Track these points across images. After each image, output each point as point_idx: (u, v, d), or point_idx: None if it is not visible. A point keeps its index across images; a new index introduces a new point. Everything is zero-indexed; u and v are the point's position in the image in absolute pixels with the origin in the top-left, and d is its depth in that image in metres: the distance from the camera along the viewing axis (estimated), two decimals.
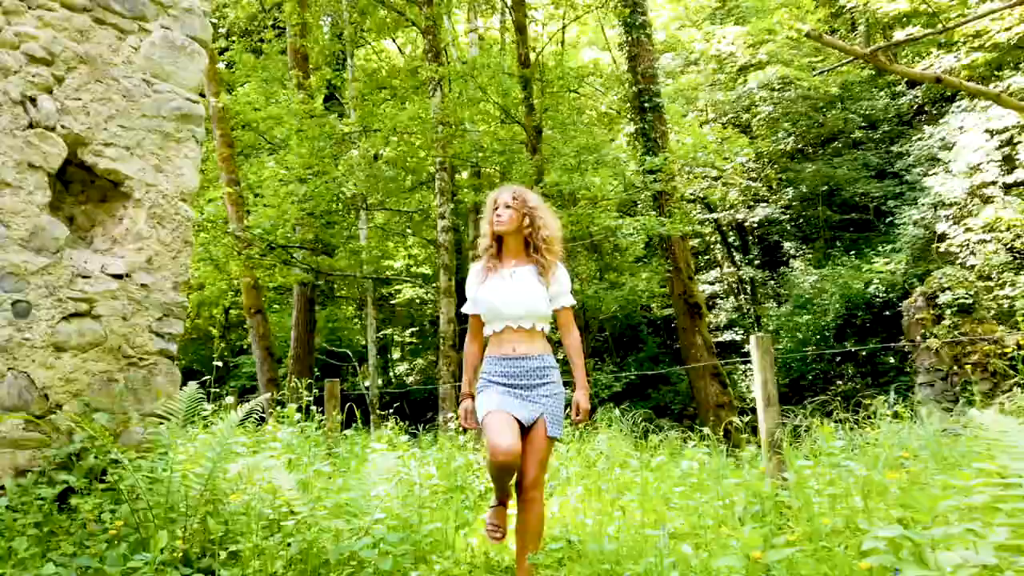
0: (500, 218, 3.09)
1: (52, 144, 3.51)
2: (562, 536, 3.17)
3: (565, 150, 9.41)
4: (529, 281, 3.04)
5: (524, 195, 3.16)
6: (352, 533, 2.63)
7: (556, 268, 3.10)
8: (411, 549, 2.73)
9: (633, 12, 10.98)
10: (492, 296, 3.05)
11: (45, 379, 3.42)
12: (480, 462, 4.49)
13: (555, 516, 3.54)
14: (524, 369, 2.98)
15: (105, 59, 3.74)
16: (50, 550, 2.74)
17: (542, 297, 3.03)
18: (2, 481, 3.19)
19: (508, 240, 3.15)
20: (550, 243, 3.09)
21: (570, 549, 3.07)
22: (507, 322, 3.03)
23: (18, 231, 3.36)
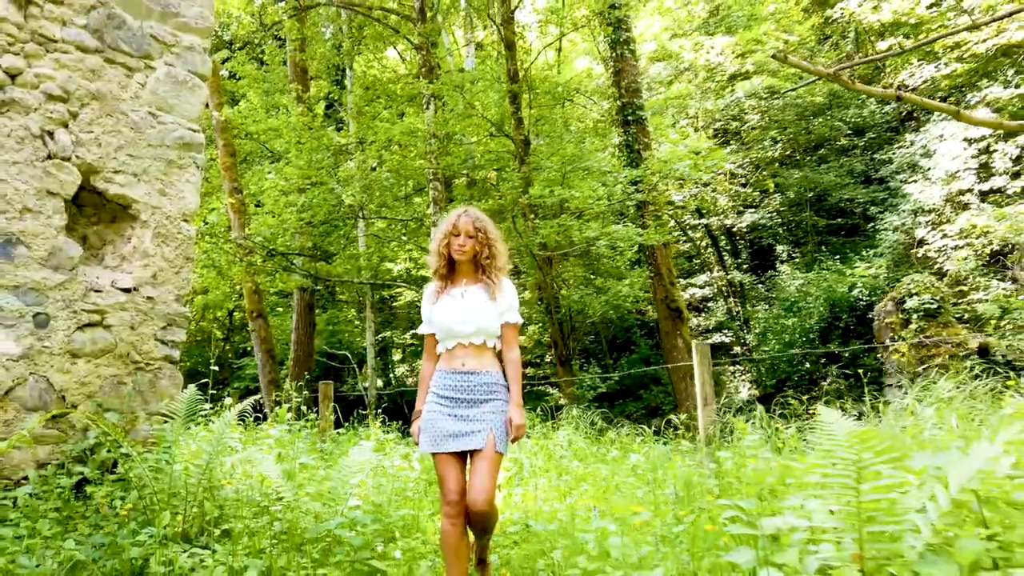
0: (463, 248, 3.18)
1: (68, 173, 3.94)
2: (521, 521, 3.57)
3: (548, 163, 9.82)
4: (480, 300, 3.16)
5: (485, 226, 3.26)
6: (330, 515, 3.05)
7: (503, 286, 3.22)
8: (381, 530, 3.13)
9: (617, 29, 11.39)
10: (444, 316, 3.17)
11: (62, 382, 3.85)
12: None
13: (517, 504, 3.95)
14: (472, 384, 3.08)
15: (115, 95, 4.17)
16: (69, 531, 3.15)
17: (492, 315, 3.15)
18: (25, 472, 3.62)
19: (461, 263, 3.26)
20: (501, 269, 3.24)
21: (527, 532, 3.47)
22: (459, 339, 3.15)
23: (38, 251, 3.79)
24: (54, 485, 3.51)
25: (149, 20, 4.37)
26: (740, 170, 17.61)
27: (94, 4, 4.12)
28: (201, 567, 2.42)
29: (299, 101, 12.11)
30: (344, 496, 3.18)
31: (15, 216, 3.73)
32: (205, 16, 4.66)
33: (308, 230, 11.86)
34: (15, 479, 3.59)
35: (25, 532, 3.06)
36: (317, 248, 12.35)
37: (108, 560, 2.55)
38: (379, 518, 3.16)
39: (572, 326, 11.66)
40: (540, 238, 9.46)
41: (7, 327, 3.68)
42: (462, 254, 3.19)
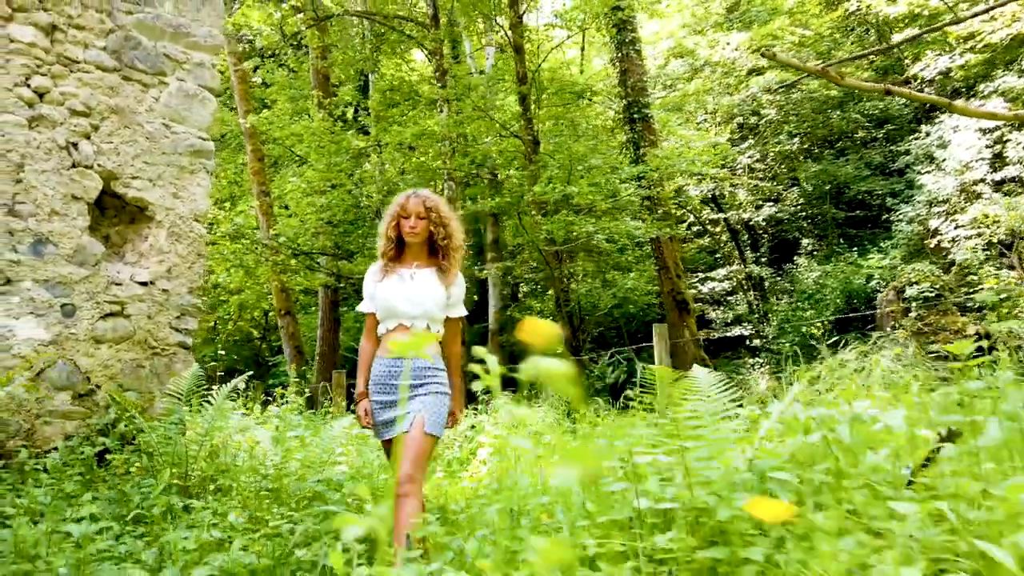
0: (414, 229, 3.09)
1: (91, 179, 4.43)
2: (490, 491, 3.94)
3: (552, 161, 10.17)
4: (429, 283, 3.08)
5: (437, 205, 3.16)
6: (313, 476, 3.46)
7: (456, 277, 3.15)
8: (361, 489, 3.54)
9: (622, 30, 11.69)
10: (390, 294, 3.07)
11: (87, 365, 4.34)
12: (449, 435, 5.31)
13: (490, 472, 4.33)
14: (410, 368, 2.99)
15: (132, 109, 4.66)
16: (90, 491, 3.62)
17: (439, 301, 3.07)
18: (55, 443, 4.12)
19: (412, 244, 3.16)
20: (456, 252, 3.14)
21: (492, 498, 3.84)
22: (401, 320, 3.05)
23: (65, 249, 4.29)
24: (79, 454, 3.99)
25: (162, 40, 4.85)
26: (758, 164, 17.72)
27: (112, 28, 4.61)
28: (191, 511, 2.85)
29: (320, 107, 12.67)
30: (327, 461, 3.59)
31: (44, 218, 4.23)
32: (214, 35, 5.13)
33: (328, 230, 12.41)
34: (46, 449, 4.09)
35: (52, 492, 3.53)
36: (339, 247, 12.91)
37: (118, 508, 3.00)
38: (356, 479, 3.57)
39: (581, 318, 12.00)
40: (545, 234, 9.83)
41: (39, 316, 4.18)
42: (414, 236, 3.10)
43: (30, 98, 4.21)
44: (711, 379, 2.22)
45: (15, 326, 4.06)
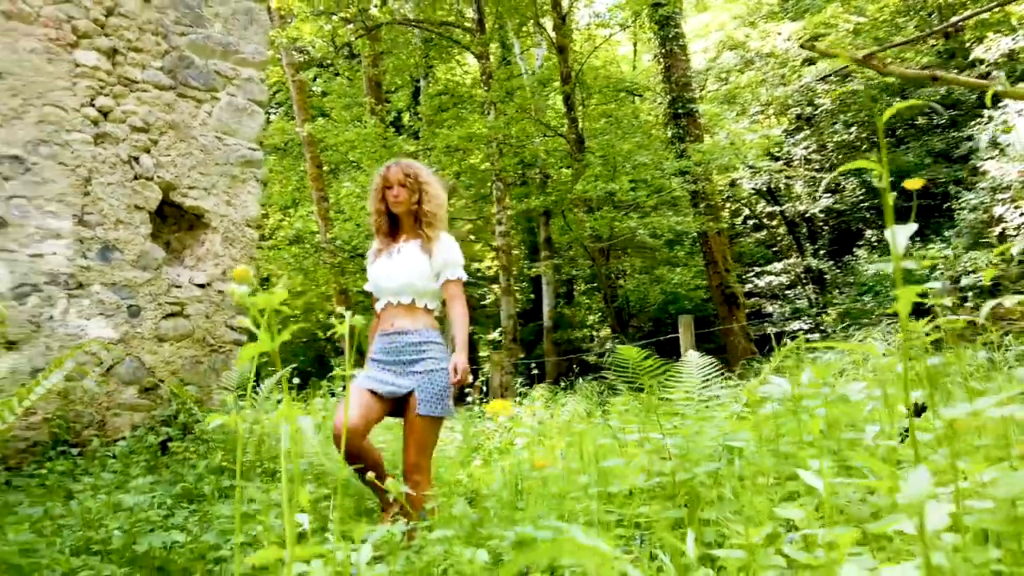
0: (397, 198, 3.01)
1: (151, 190, 4.80)
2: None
3: (595, 159, 10.28)
4: (411, 256, 2.99)
5: (416, 170, 3.07)
6: None
7: (439, 241, 3.02)
8: (399, 475, 3.77)
9: (665, 26, 11.69)
10: (377, 272, 3.05)
11: (151, 362, 4.70)
12: (489, 426, 5.51)
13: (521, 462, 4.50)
14: (401, 344, 2.91)
15: (187, 123, 5.02)
16: (152, 475, 3.96)
17: (422, 272, 2.96)
18: (124, 433, 4.49)
19: (402, 217, 3.09)
20: (432, 217, 3.03)
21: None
22: (388, 298, 3.00)
23: (130, 255, 4.66)
24: (145, 443, 4.34)
25: (213, 58, 5.20)
26: (815, 155, 17.38)
27: (167, 49, 4.98)
28: (237, 490, 3.13)
29: (373, 113, 13.07)
30: None
31: (111, 227, 4.61)
32: (261, 52, 5.46)
33: None
34: (116, 438, 4.46)
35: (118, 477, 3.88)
36: None
37: (172, 489, 3.30)
38: (398, 463, 3.80)
39: (631, 313, 12.03)
40: (589, 231, 9.94)
41: (108, 317, 4.56)
42: (398, 204, 3.02)
43: (95, 117, 4.60)
44: (702, 364, 2.35)
45: (87, 326, 4.45)
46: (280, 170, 16.54)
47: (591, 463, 2.51)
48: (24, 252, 4.24)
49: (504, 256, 11.42)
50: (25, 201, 4.27)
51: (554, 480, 2.52)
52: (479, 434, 5.68)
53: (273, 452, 3.98)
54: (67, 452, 4.03)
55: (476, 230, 15.11)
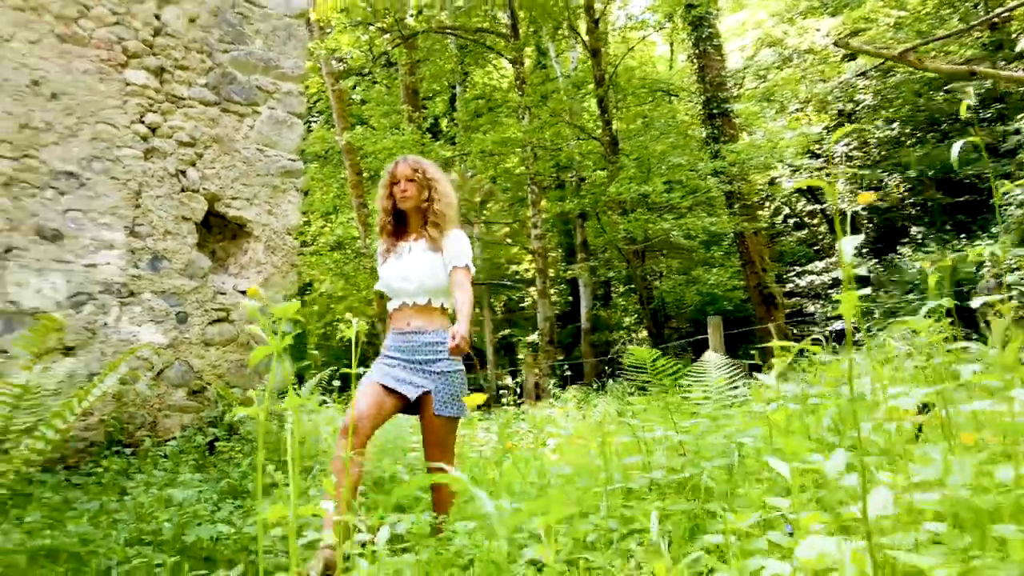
0: (405, 193, 2.98)
1: (197, 202, 5.02)
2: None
3: (628, 161, 10.31)
4: (423, 256, 2.96)
5: (423, 167, 3.03)
6: (393, 461, 3.85)
7: (449, 235, 2.99)
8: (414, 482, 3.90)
9: (698, 27, 11.67)
10: (389, 273, 3.01)
11: (199, 365, 4.92)
12: (523, 427, 5.62)
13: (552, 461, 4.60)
14: (417, 343, 2.89)
15: (230, 137, 5.23)
16: (200, 472, 4.15)
17: (436, 271, 2.94)
18: (174, 433, 4.71)
19: (410, 214, 3.05)
20: (442, 215, 2.99)
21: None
22: (403, 299, 2.97)
23: (177, 264, 4.89)
24: (193, 442, 4.55)
25: (255, 74, 5.41)
26: (856, 152, 17.12)
27: (211, 66, 5.20)
28: (278, 487, 3.30)
29: (410, 121, 13.29)
30: (403, 448, 3.98)
31: (160, 238, 4.84)
32: (299, 66, 5.66)
33: None
34: (166, 438, 4.68)
35: (168, 475, 4.08)
36: None
37: (220, 484, 3.48)
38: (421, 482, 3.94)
39: (667, 315, 12.02)
40: (623, 232, 9.99)
41: (158, 323, 4.79)
42: (405, 200, 2.99)
43: (144, 133, 4.83)
44: (720, 364, 2.42)
45: (138, 332, 4.68)
46: (321, 177, 16.90)
47: (613, 461, 2.60)
48: (80, 262, 4.49)
49: (540, 259, 11.53)
50: (80, 214, 4.52)
51: (577, 477, 2.62)
52: (513, 435, 5.79)
53: (312, 451, 4.14)
54: (121, 451, 4.25)
55: (512, 233, 15.24)
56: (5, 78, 4.34)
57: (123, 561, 2.45)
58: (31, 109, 4.40)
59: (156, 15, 4.97)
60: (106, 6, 4.75)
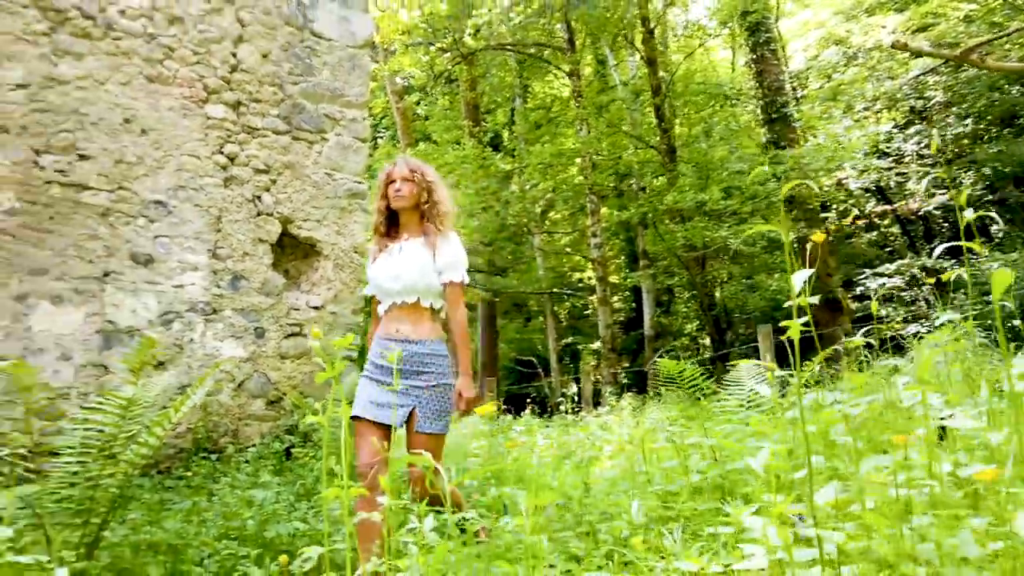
0: (400, 192, 2.91)
1: (272, 224, 5.40)
2: None
3: (686, 170, 10.35)
4: (414, 253, 2.88)
5: (422, 169, 2.99)
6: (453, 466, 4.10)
7: (445, 240, 2.91)
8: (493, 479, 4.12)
9: (755, 32, 11.60)
10: (378, 273, 2.93)
11: (276, 377, 5.28)
12: (578, 436, 5.78)
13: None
14: (405, 355, 2.77)
15: (301, 163, 5.60)
16: (278, 476, 4.49)
17: (425, 269, 2.84)
18: (254, 440, 5.07)
19: (402, 215, 2.98)
20: (443, 217, 2.94)
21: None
22: (392, 298, 2.89)
23: (255, 283, 5.27)
24: (271, 449, 4.90)
25: (322, 103, 5.78)
26: (927, 150, 16.60)
27: (283, 97, 5.59)
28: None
29: (471, 136, 13.66)
30: (462, 454, 4.22)
31: (239, 259, 5.23)
32: (363, 94, 6.01)
33: (481, 249, 13.36)
34: (247, 445, 5.05)
35: (251, 478, 4.42)
36: (493, 264, 13.82)
37: (295, 487, 3.79)
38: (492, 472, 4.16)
39: (729, 321, 11.95)
40: (681, 240, 10.02)
41: (237, 338, 5.17)
42: (400, 199, 2.92)
43: (224, 163, 5.24)
44: (753, 372, 2.57)
45: (221, 347, 5.07)
46: None
47: (654, 465, 2.77)
48: (168, 284, 4.91)
49: (600, 267, 11.66)
50: (168, 239, 4.94)
51: (621, 481, 2.79)
52: (570, 442, 5.97)
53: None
54: (207, 457, 4.63)
55: (573, 243, 15.43)
56: (101, 117, 4.80)
57: (213, 553, 2.75)
58: (124, 145, 4.85)
59: (233, 53, 5.38)
60: (188, 47, 5.18)
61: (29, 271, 4.43)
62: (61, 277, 4.53)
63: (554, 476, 4.47)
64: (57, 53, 4.70)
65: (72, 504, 2.27)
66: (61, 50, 4.71)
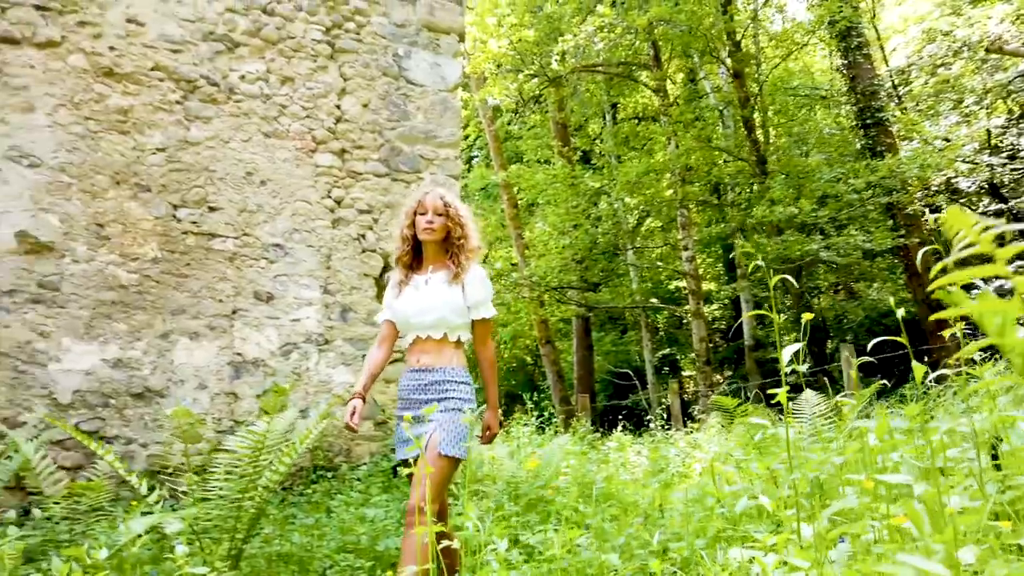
0: (431, 226, 2.89)
1: (375, 260, 5.89)
2: None
3: (775, 183, 10.26)
4: (442, 288, 2.87)
5: (454, 203, 2.96)
6: (543, 483, 4.39)
7: (472, 275, 2.91)
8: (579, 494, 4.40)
9: (846, 37, 11.35)
10: (405, 306, 2.92)
11: (382, 400, 5.75)
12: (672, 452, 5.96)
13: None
14: (425, 382, 2.85)
15: (399, 203, 6.06)
16: (386, 493, 4.92)
17: (455, 305, 2.85)
18: (364, 459, 5.55)
19: (427, 247, 2.97)
20: (472, 253, 2.94)
21: None
22: (417, 332, 2.90)
23: (361, 314, 5.76)
24: (380, 467, 5.36)
25: (417, 145, 6.24)
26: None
27: (382, 143, 6.09)
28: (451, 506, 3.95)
29: (560, 155, 14.00)
30: (554, 473, 4.51)
31: (347, 293, 5.74)
32: (454, 133, 6.44)
33: (573, 266, 13.65)
34: (358, 463, 5.53)
35: (363, 495, 4.88)
36: (585, 280, 14.08)
37: (403, 503, 4.20)
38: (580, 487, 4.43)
39: (827, 332, 11.68)
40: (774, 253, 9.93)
41: (348, 365, 5.67)
42: (430, 233, 2.90)
43: (332, 206, 5.78)
44: (815, 403, 2.75)
45: (332, 374, 5.58)
46: (482, 212, 18.03)
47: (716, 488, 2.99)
48: (287, 318, 5.46)
49: (692, 280, 11.71)
50: (286, 278, 5.50)
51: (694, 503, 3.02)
52: (662, 460, 6.16)
53: (478, 476, 4.78)
54: (324, 475, 5.13)
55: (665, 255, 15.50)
56: (227, 172, 5.42)
57: (333, 565, 3.16)
58: (247, 196, 5.45)
59: (337, 105, 5.93)
60: (298, 103, 5.76)
61: (171, 312, 5.07)
62: (197, 316, 5.15)
63: (639, 494, 4.71)
64: (189, 118, 5.35)
65: (219, 522, 2.72)
66: (192, 115, 5.36)
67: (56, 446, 4.55)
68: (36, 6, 4.99)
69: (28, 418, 4.55)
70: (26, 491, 4.32)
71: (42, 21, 4.99)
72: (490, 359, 2.96)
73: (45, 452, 4.28)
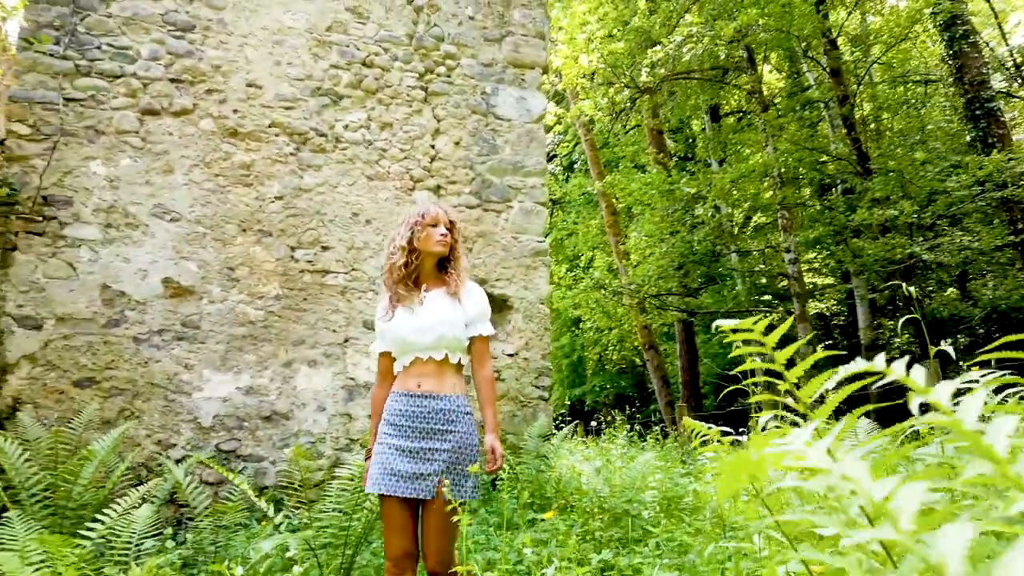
0: (445, 238, 2.80)
1: None
2: None
3: (874, 185, 9.93)
4: (441, 305, 2.74)
5: (455, 219, 2.89)
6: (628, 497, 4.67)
7: (469, 291, 2.82)
8: (664, 507, 4.64)
9: (950, 26, 10.79)
10: (401, 326, 2.71)
11: (477, 417, 6.19)
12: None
13: None
14: (427, 410, 2.64)
15: (491, 231, 6.51)
16: (484, 507, 5.34)
17: (455, 322, 2.71)
18: None
19: (425, 262, 2.82)
20: (465, 272, 2.87)
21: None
22: (416, 353, 2.70)
23: None
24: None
25: (505, 176, 6.66)
26: None
27: (473, 176, 6.54)
28: (536, 521, 4.31)
29: (656, 162, 14.07)
30: (640, 487, 4.78)
31: None
32: (540, 162, 6.81)
33: (672, 272, 13.69)
34: None
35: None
36: (685, 286, 14.09)
37: (494, 517, 4.60)
38: (665, 501, 4.68)
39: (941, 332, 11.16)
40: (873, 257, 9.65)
41: None
42: (444, 246, 2.80)
43: None
44: (868, 429, 2.92)
45: None
46: (582, 220, 18.31)
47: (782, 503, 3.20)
48: None
49: (796, 283, 11.53)
50: None
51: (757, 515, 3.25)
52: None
53: (565, 490, 5.12)
54: None
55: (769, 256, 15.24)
56: (336, 214, 6.02)
57: None
58: (354, 234, 6.03)
59: (432, 145, 6.43)
60: (396, 146, 6.30)
61: (292, 342, 5.71)
62: (314, 345, 5.77)
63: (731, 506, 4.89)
64: (302, 167, 5.99)
65: (332, 538, 3.20)
66: (304, 165, 6.00)
67: (200, 465, 5.26)
68: (171, 79, 5.75)
69: (177, 440, 5.29)
70: (177, 504, 5.05)
71: (177, 92, 5.75)
72: (489, 378, 2.80)
73: (192, 470, 4.98)
